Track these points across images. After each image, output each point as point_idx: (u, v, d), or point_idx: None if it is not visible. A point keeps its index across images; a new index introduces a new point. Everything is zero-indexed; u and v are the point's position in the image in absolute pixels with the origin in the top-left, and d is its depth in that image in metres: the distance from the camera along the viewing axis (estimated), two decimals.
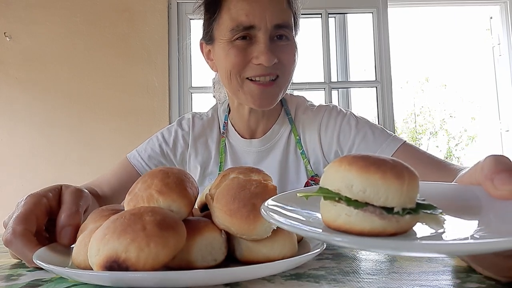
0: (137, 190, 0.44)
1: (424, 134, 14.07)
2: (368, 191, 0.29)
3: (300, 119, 0.93)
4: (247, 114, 0.90)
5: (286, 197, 0.38)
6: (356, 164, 0.30)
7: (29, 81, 2.27)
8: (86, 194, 0.57)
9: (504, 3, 2.65)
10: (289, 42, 0.82)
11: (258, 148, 0.92)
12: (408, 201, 0.30)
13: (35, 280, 0.41)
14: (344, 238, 0.29)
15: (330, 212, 0.31)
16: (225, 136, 0.94)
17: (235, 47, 0.79)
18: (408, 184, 0.30)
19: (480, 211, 0.35)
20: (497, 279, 0.34)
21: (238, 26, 0.77)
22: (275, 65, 0.78)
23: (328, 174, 0.33)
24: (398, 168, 0.30)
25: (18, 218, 0.47)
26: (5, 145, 2.26)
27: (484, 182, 0.34)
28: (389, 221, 0.30)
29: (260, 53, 0.77)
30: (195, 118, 0.97)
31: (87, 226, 0.46)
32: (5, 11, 2.28)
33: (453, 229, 0.32)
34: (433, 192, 0.37)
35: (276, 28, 0.78)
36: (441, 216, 0.32)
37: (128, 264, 0.34)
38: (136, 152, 0.94)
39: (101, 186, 0.87)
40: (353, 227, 0.30)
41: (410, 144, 0.85)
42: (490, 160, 0.34)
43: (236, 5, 0.78)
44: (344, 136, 0.87)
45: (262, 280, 0.37)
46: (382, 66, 2.34)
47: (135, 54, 2.28)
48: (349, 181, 0.30)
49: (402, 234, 0.31)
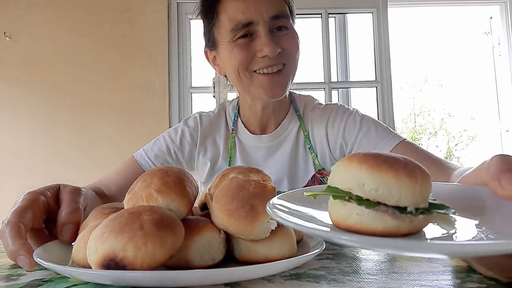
0: (137, 189, 0.44)
1: (424, 134, 14.07)
2: (380, 190, 0.29)
3: (309, 116, 0.96)
4: (260, 110, 0.92)
5: (292, 196, 0.37)
6: (367, 162, 0.30)
7: (29, 81, 2.27)
8: (84, 192, 0.57)
9: (504, 3, 2.65)
10: (289, 30, 0.84)
11: (268, 144, 0.94)
12: (421, 200, 0.29)
13: (35, 280, 0.41)
14: (352, 237, 0.28)
15: (340, 212, 0.30)
16: (234, 132, 0.96)
17: (238, 45, 0.81)
18: (421, 183, 0.29)
19: (486, 211, 0.34)
20: (498, 278, 0.34)
21: (237, 25, 0.80)
22: (280, 54, 0.81)
23: (337, 173, 0.31)
24: (410, 167, 0.30)
25: (14, 212, 0.48)
26: (5, 145, 2.26)
27: (490, 182, 0.33)
28: (402, 221, 0.29)
29: (263, 45, 0.79)
30: (202, 116, 0.99)
31: (88, 224, 0.46)
32: (5, 11, 2.28)
33: (463, 230, 0.32)
34: (438, 192, 0.37)
35: (274, 19, 0.81)
36: (452, 216, 0.32)
37: (125, 263, 0.34)
38: (143, 151, 0.95)
39: (107, 185, 0.88)
40: (365, 227, 0.29)
41: (410, 142, 0.87)
42: (497, 160, 0.34)
43: (231, 6, 0.81)
44: (349, 131, 0.90)
45: (262, 280, 0.37)
46: (382, 66, 2.34)
47: (135, 54, 2.28)
48: (360, 179, 0.29)
49: (415, 234, 0.30)
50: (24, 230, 0.46)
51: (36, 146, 2.25)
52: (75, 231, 0.49)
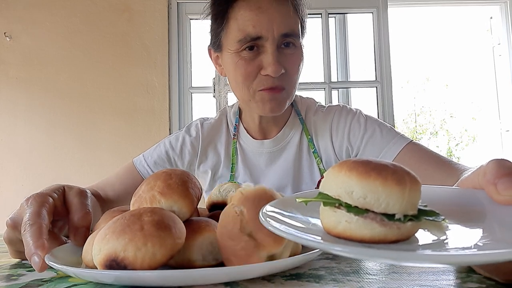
0: (141, 192, 0.45)
1: (425, 134, 14.06)
2: (368, 197, 0.29)
3: (311, 120, 0.94)
4: (258, 116, 0.91)
5: (284, 202, 0.37)
6: (356, 170, 0.30)
7: (29, 81, 2.27)
8: (90, 195, 0.57)
9: (504, 3, 2.65)
10: (296, 49, 0.82)
11: (270, 149, 0.92)
12: (410, 207, 0.29)
13: (35, 280, 0.41)
14: (344, 248, 0.27)
15: (330, 219, 0.31)
16: (236, 138, 0.95)
17: (243, 59, 0.80)
18: (409, 190, 0.29)
19: (482, 217, 0.34)
20: (497, 279, 0.34)
21: (246, 38, 0.78)
22: (282, 76, 0.80)
23: (328, 180, 0.32)
24: (399, 174, 0.29)
25: (32, 213, 0.47)
26: (5, 145, 2.26)
27: (487, 186, 0.33)
28: (390, 228, 0.29)
29: (267, 64, 0.78)
30: (204, 123, 0.98)
31: (99, 227, 0.47)
32: (5, 11, 2.28)
33: (455, 236, 0.31)
34: (435, 197, 0.37)
35: (283, 37, 0.79)
36: (443, 223, 0.31)
37: (126, 263, 0.34)
38: (142, 157, 0.94)
39: (105, 189, 0.87)
40: (354, 234, 0.29)
41: (417, 143, 0.85)
42: (493, 164, 0.33)
43: (243, 16, 0.79)
44: (354, 134, 0.89)
45: (262, 280, 0.37)
46: (382, 66, 2.34)
47: (135, 54, 2.28)
48: (349, 187, 0.30)
49: (404, 241, 0.30)
50: (46, 230, 0.46)
51: (36, 146, 2.25)
52: (87, 234, 0.49)
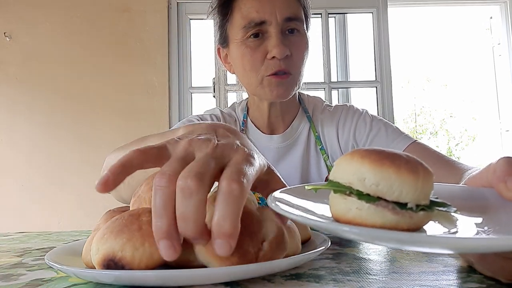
0: (141, 192, 0.45)
1: (424, 134, 14.07)
2: (381, 185, 0.28)
3: (318, 118, 0.97)
4: (267, 109, 0.93)
5: (294, 190, 0.37)
6: (369, 157, 0.29)
7: (29, 81, 2.28)
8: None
9: (504, 3, 2.65)
10: (301, 35, 0.85)
11: (278, 144, 0.94)
12: (422, 197, 0.29)
13: (35, 280, 0.41)
14: (352, 229, 0.27)
15: (340, 206, 0.30)
16: (244, 132, 0.96)
17: (249, 47, 0.83)
18: (423, 180, 0.29)
19: (491, 213, 0.34)
20: (499, 279, 0.34)
21: (250, 23, 0.81)
22: (288, 60, 0.82)
23: (339, 167, 0.31)
24: (412, 163, 0.29)
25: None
26: (5, 145, 2.26)
27: (496, 184, 0.33)
28: (402, 216, 0.28)
29: (272, 47, 0.80)
30: (222, 112, 0.99)
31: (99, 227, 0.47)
32: (5, 11, 2.29)
33: (465, 229, 0.31)
34: (444, 194, 0.36)
35: (287, 21, 0.82)
36: (454, 215, 0.31)
37: (123, 263, 0.34)
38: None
39: None
40: (364, 222, 0.29)
41: (421, 143, 0.87)
42: (503, 162, 0.33)
43: (246, 3, 0.83)
44: (359, 132, 0.91)
45: (262, 280, 0.36)
46: (382, 66, 2.34)
47: (135, 54, 2.29)
48: (362, 174, 0.29)
49: (415, 231, 0.30)
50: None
51: (36, 146, 2.25)
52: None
